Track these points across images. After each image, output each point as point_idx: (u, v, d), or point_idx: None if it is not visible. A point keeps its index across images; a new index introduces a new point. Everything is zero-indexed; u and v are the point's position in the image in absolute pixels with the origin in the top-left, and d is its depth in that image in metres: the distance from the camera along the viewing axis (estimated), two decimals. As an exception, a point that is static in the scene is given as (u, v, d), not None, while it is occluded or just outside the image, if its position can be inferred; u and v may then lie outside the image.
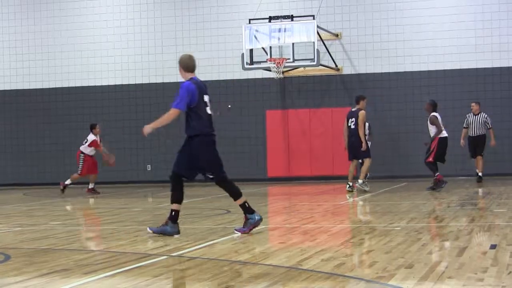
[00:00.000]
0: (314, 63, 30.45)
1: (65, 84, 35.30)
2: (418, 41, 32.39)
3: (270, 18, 30.65)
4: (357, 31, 32.63)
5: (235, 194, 14.75)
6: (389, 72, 32.18)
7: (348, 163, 25.14)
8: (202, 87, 14.83)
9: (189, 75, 14.94)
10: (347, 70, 32.80)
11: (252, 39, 30.58)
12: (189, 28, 34.24)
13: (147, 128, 14.59)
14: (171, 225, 14.23)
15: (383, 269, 9.69)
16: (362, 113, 23.39)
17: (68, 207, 22.29)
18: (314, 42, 30.07)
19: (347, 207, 21.39)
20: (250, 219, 14.35)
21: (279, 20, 30.49)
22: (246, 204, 14.51)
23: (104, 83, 35.07)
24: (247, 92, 32.76)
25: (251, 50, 30.66)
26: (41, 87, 35.33)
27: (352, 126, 22.78)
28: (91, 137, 27.93)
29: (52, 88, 35.49)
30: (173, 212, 14.21)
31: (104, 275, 9.84)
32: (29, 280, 9.66)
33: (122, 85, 34.77)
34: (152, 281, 9.37)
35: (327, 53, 31.66)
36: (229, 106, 33.03)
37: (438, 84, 31.98)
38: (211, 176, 15.10)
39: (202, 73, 32.61)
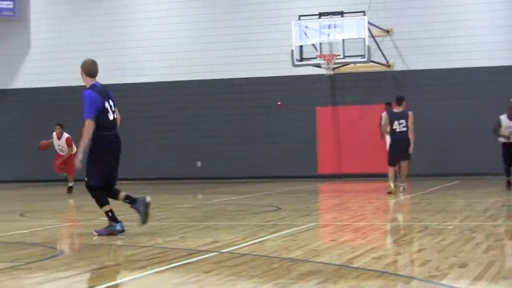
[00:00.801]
0: (365, 59, 30.36)
1: (117, 81, 35.42)
2: (470, 37, 32.14)
3: (320, 14, 30.64)
4: (409, 27, 32.49)
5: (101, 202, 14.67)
6: (441, 69, 31.95)
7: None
8: (104, 93, 14.55)
9: (91, 81, 14.64)
10: (398, 66, 32.69)
11: (301, 35, 30.59)
12: (238, 24, 34.25)
13: (77, 162, 14.49)
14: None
15: (436, 268, 9.59)
16: (412, 115, 22.85)
17: (117, 203, 22.26)
18: (364, 38, 30.01)
19: (398, 205, 21.27)
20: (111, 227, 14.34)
21: (329, 16, 30.48)
22: (110, 213, 14.37)
23: (154, 80, 35.13)
24: (297, 89, 32.70)
25: (300, 47, 30.67)
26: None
27: (403, 129, 22.26)
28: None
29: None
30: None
31: (154, 271, 9.83)
32: (79, 275, 9.71)
33: (171, 82, 34.81)
34: (203, 277, 9.35)
35: (378, 49, 31.55)
36: (279, 103, 33.04)
37: (490, 80, 31.68)
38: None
39: (251, 70, 32.90)
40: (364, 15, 30.18)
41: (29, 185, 32.46)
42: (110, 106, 14.34)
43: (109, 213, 13.96)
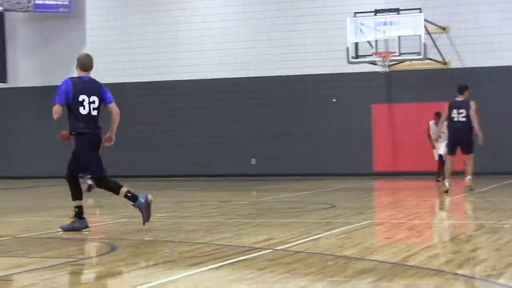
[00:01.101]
0: (421, 56, 30.42)
1: (170, 78, 35.57)
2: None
3: (376, 12, 30.70)
4: (465, 24, 32.36)
5: (116, 189, 14.70)
6: (499, 66, 31.76)
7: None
8: (82, 86, 14.50)
9: (82, 74, 14.74)
10: (455, 64, 32.55)
11: (357, 32, 30.68)
12: (293, 21, 34.26)
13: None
14: (78, 221, 14.30)
15: (492, 267, 9.54)
16: (474, 103, 22.48)
17: (172, 199, 22.39)
18: (420, 36, 30.07)
19: (454, 203, 21.18)
20: (139, 203, 14.32)
21: (385, 13, 30.54)
22: (129, 193, 14.39)
23: (209, 77, 35.20)
24: (352, 86, 32.67)
25: (356, 44, 30.75)
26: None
27: (462, 119, 21.92)
28: None
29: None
30: (77, 209, 14.26)
31: (210, 267, 9.86)
32: (135, 271, 9.79)
33: (226, 78, 34.88)
34: (257, 274, 9.37)
35: (434, 47, 31.45)
36: (334, 100, 33.02)
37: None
38: (89, 176, 15.62)
39: (307, 67, 32.90)
40: (420, 12, 30.24)
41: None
42: (90, 102, 14.40)
43: (129, 193, 14.23)
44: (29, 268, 10.31)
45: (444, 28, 32.39)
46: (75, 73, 35.46)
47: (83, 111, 14.32)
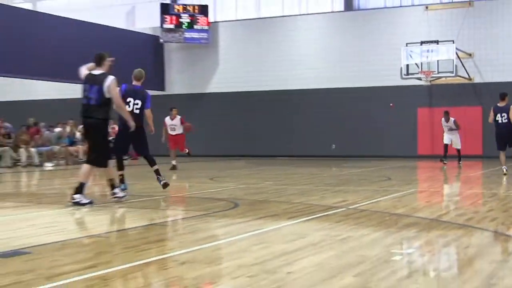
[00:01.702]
0: (453, 74, 30.26)
1: (282, 87, 35.68)
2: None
3: (421, 42, 30.52)
4: (485, 51, 31.95)
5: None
6: (510, 81, 31.24)
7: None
8: (127, 91, 14.39)
9: (135, 82, 14.77)
10: (477, 79, 32.17)
11: (408, 57, 30.70)
12: (364, 48, 34.13)
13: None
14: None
15: (502, 223, 9.70)
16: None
17: (276, 172, 22.40)
18: (453, 60, 29.89)
19: (475, 178, 20.91)
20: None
21: (427, 44, 30.37)
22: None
23: (308, 87, 35.28)
24: (404, 95, 32.50)
25: (407, 65, 30.67)
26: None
27: (504, 120, 21.22)
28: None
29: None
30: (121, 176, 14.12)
31: (302, 220, 9.99)
32: (250, 221, 9.97)
33: (319, 89, 34.91)
34: (335, 225, 9.49)
35: (463, 67, 31.17)
36: (391, 104, 32.91)
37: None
38: None
39: (373, 81, 32.90)
40: (453, 43, 29.98)
41: (219, 159, 32.79)
42: (133, 103, 14.31)
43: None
44: (179, 217, 10.50)
45: (470, 54, 32.00)
46: (213, 84, 35.48)
47: (128, 108, 14.11)
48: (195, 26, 36.97)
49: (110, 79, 12.03)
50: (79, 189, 11.99)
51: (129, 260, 6.93)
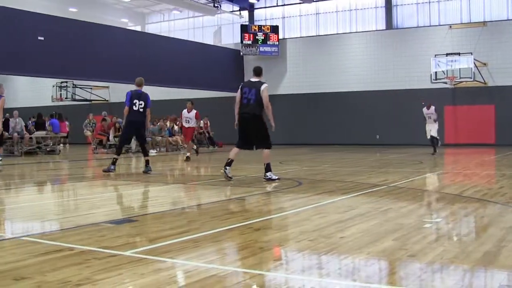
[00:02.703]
0: (471, 79, 30.05)
1: (333, 90, 35.49)
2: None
3: (447, 54, 30.24)
4: (496, 61, 31.35)
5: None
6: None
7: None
8: (133, 95, 14.88)
9: (138, 88, 15.11)
10: (490, 83, 31.54)
11: (436, 65, 30.48)
12: (402, 58, 33.79)
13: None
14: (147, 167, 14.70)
15: (510, 197, 9.37)
16: None
17: (332, 157, 22.27)
18: (471, 68, 29.72)
19: (490, 161, 20.50)
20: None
21: (451, 55, 30.18)
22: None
23: (359, 89, 35.05)
24: (434, 95, 31.93)
25: (435, 72, 30.41)
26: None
27: None
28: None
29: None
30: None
31: (352, 195, 9.87)
32: (311, 196, 9.87)
33: (365, 91, 34.68)
34: (378, 199, 9.40)
35: (479, 74, 30.72)
36: (423, 103, 32.47)
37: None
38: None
39: (409, 85, 32.36)
40: (471, 54, 29.76)
41: (287, 146, 32.75)
42: (138, 104, 14.72)
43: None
44: (254, 193, 10.46)
45: (484, 63, 31.38)
46: (282, 88, 35.27)
47: (134, 107, 14.81)
48: (268, 42, 37.17)
49: (265, 85, 12.55)
50: (268, 168, 12.55)
51: (214, 227, 6.92)
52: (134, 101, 14.74)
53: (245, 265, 5.17)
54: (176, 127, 31.29)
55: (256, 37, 37.20)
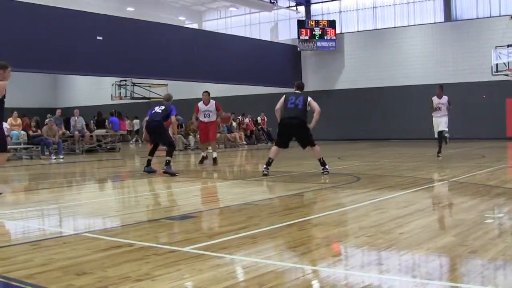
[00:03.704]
0: (534, 71, 29.39)
1: (390, 84, 35.14)
2: None
3: (508, 45, 29.52)
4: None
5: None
6: None
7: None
8: (154, 104, 15.34)
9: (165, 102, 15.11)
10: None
11: (497, 58, 29.75)
12: (462, 52, 33.25)
13: None
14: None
15: None
16: None
17: (391, 152, 22.04)
18: (534, 59, 29.07)
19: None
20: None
21: (513, 46, 29.56)
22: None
23: (417, 83, 34.63)
24: (495, 87, 31.38)
25: (496, 64, 29.74)
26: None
27: None
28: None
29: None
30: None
31: (412, 190, 9.77)
32: (370, 192, 9.81)
33: (424, 85, 34.27)
34: (438, 194, 9.29)
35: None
36: (484, 96, 31.87)
37: None
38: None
39: (469, 77, 31.92)
40: (533, 46, 29.16)
41: (345, 142, 32.59)
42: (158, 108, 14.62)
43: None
44: (312, 189, 10.43)
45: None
46: (340, 83, 35.20)
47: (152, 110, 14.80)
48: (325, 37, 37.06)
49: (310, 97, 13.32)
50: (323, 163, 13.19)
51: (273, 223, 6.94)
52: (155, 107, 14.87)
53: (303, 261, 5.16)
54: (234, 124, 31.46)
55: (313, 32, 37.12)
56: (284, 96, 13.41)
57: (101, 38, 26.05)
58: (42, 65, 25.23)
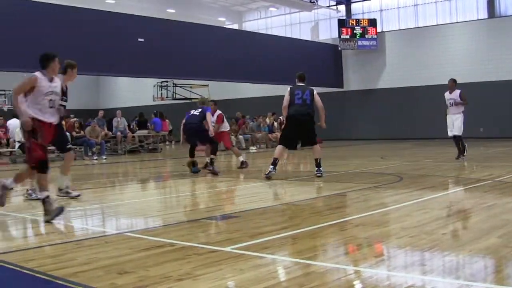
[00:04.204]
0: None
1: (428, 83, 34.83)
2: None
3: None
4: None
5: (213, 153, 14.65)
6: None
7: None
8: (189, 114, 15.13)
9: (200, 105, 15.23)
10: None
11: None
12: (503, 49, 32.75)
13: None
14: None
15: None
16: None
17: (434, 151, 21.79)
18: None
19: None
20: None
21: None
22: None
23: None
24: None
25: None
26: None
27: None
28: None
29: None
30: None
31: (455, 190, 9.73)
32: (413, 192, 9.71)
33: (476, 82, 33.91)
34: (482, 194, 9.21)
35: None
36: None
37: None
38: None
39: (510, 75, 31.35)
40: None
41: (387, 141, 32.38)
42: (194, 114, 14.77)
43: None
44: (355, 189, 10.37)
45: None
46: (381, 82, 34.99)
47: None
48: (366, 36, 36.83)
49: (315, 90, 12.93)
50: (319, 164, 12.75)
51: (314, 223, 6.92)
52: (191, 110, 15.15)
53: (345, 261, 5.14)
54: (275, 124, 31.49)
55: (354, 31, 36.93)
56: (288, 90, 12.91)
57: (142, 40, 26.29)
58: (85, 67, 25.40)
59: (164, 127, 30.83)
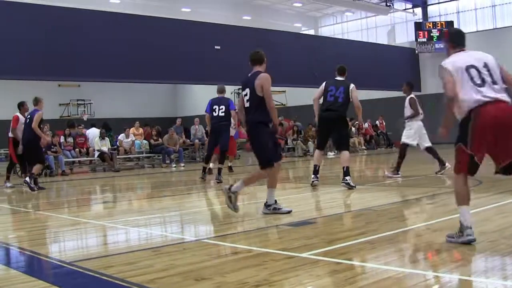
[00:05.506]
0: None
1: None
2: None
3: None
4: None
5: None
6: None
7: None
8: (214, 102, 15.49)
9: (219, 95, 15.77)
10: None
11: None
12: None
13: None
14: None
15: None
16: None
17: None
18: None
19: None
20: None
21: None
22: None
23: None
24: None
25: None
26: None
27: None
28: None
29: None
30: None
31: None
32: (492, 195, 9.53)
33: None
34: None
35: None
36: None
37: None
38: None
39: None
40: None
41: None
42: (218, 109, 15.11)
43: None
44: (432, 193, 10.23)
45: None
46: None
47: (214, 113, 15.16)
48: (443, 38, 36.15)
49: (353, 85, 12.09)
50: (347, 173, 11.59)
51: (391, 228, 6.87)
52: (214, 107, 15.18)
53: (423, 266, 5.09)
54: (353, 129, 31.29)
55: (431, 34, 36.34)
56: (324, 84, 12.11)
57: (219, 47, 26.57)
58: (163, 76, 26.00)
59: (240, 134, 31.03)
